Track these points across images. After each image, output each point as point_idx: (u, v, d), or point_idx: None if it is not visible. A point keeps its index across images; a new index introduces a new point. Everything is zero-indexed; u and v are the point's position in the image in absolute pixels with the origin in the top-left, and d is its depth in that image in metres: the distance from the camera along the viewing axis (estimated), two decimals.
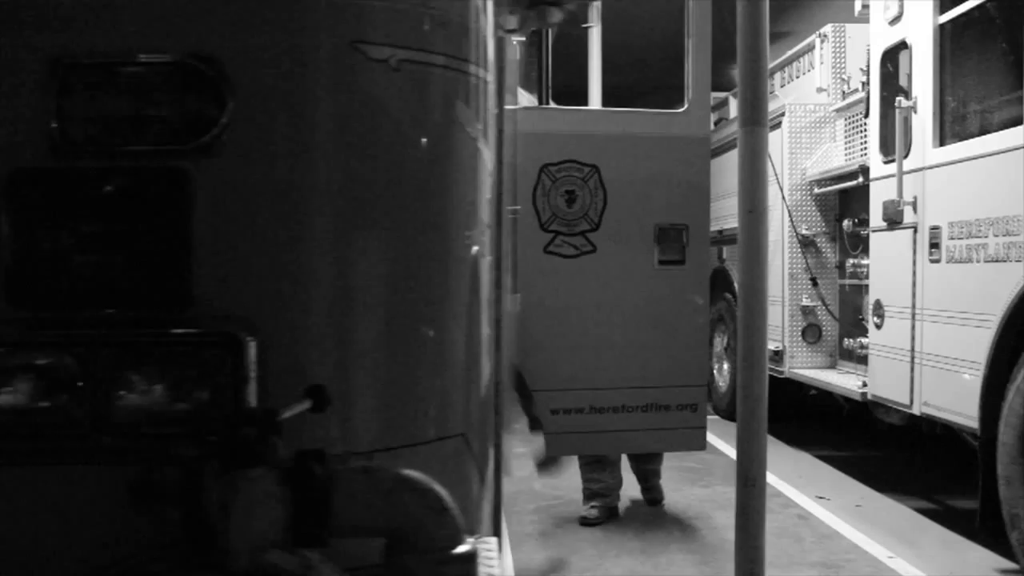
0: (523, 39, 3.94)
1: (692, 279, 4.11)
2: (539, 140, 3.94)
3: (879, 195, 5.36)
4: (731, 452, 6.83)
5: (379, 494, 1.27)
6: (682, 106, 4.13)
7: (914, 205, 5.00)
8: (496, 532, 1.91)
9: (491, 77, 1.82)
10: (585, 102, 5.22)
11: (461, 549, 1.27)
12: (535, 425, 4.47)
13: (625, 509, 5.32)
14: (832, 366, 6.66)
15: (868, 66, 5.74)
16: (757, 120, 3.87)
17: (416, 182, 1.63)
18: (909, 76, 5.09)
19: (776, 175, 6.63)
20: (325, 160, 1.53)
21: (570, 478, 6.13)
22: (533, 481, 6.00)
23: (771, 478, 6.02)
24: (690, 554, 4.58)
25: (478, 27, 1.76)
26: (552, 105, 4.00)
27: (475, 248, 1.77)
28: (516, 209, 3.34)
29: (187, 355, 1.46)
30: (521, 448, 6.63)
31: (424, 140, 1.64)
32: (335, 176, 1.54)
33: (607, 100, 5.50)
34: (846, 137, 6.38)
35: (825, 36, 6.68)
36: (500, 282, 1.89)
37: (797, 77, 7.27)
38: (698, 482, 5.92)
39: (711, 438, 7.39)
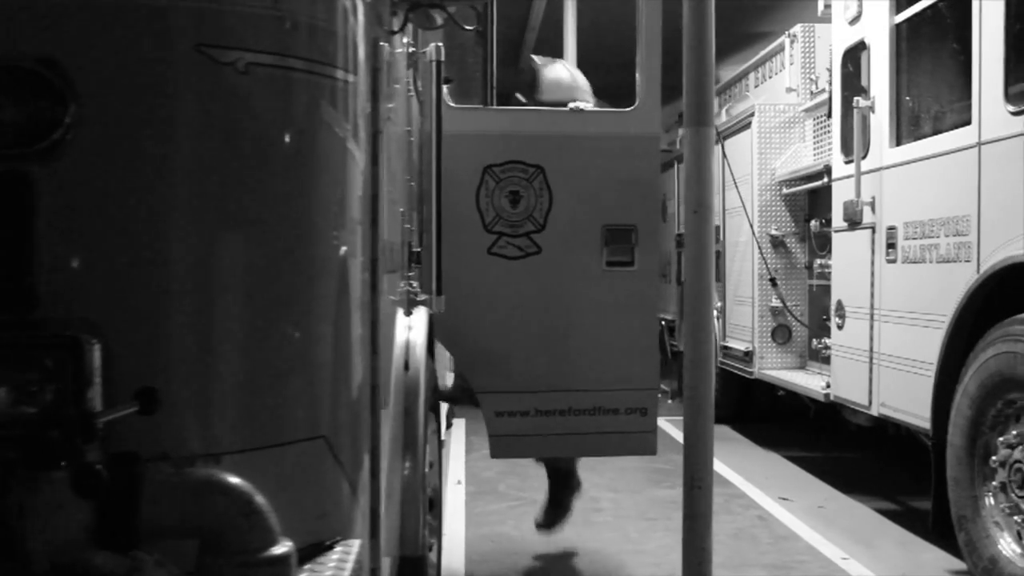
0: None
1: (641, 281, 4.07)
2: (482, 141, 3.94)
3: (840, 195, 5.34)
4: None
5: (189, 496, 1.27)
6: (633, 104, 4.12)
7: (872, 205, 4.98)
8: (374, 535, 1.91)
9: (362, 79, 1.82)
10: None
11: (272, 552, 1.27)
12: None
13: (583, 510, 5.31)
14: (802, 367, 6.65)
15: (831, 66, 5.73)
16: (702, 120, 3.87)
17: (272, 183, 1.63)
18: (868, 76, 5.08)
19: (732, 175, 6.62)
20: (170, 161, 1.53)
21: (540, 479, 6.13)
22: (499, 483, 6.01)
23: (736, 479, 6.03)
24: (644, 555, 4.57)
25: (346, 30, 1.76)
26: (495, 106, 3.98)
27: (344, 248, 1.77)
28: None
29: (28, 359, 1.47)
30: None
31: (280, 141, 1.64)
32: (182, 177, 1.54)
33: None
34: (815, 137, 6.37)
35: (795, 36, 6.66)
36: (376, 283, 1.89)
37: (770, 77, 7.25)
38: (663, 483, 5.90)
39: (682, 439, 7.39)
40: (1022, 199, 3.73)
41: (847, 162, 5.28)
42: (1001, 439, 3.81)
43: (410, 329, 3.02)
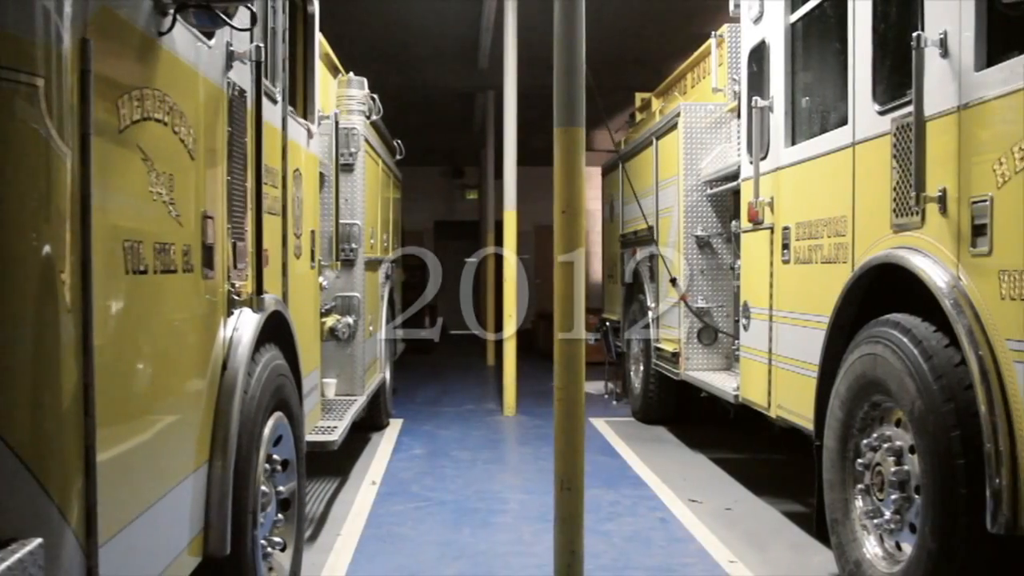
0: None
1: None
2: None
3: (746, 196, 5.32)
4: (629, 456, 6.80)
5: None
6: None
7: (771, 206, 4.96)
8: (90, 533, 1.91)
9: (65, 81, 1.82)
10: None
11: None
12: None
13: (487, 511, 5.31)
14: (727, 368, 6.62)
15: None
16: (572, 121, 3.90)
17: None
18: (768, 75, 5.06)
19: (623, 179, 6.59)
20: None
21: (456, 480, 6.14)
22: (413, 484, 6.01)
23: (651, 479, 6.02)
24: (531, 556, 4.55)
25: (46, 34, 1.77)
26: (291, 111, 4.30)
27: (46, 248, 1.78)
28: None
29: None
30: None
31: None
32: None
33: None
34: (738, 137, 6.34)
35: (721, 37, 6.64)
36: (87, 284, 1.88)
37: (704, 78, 7.23)
38: None
39: (615, 441, 7.37)
40: (888, 199, 3.71)
41: (751, 162, 5.25)
42: (866, 442, 3.79)
43: (235, 330, 3.03)
